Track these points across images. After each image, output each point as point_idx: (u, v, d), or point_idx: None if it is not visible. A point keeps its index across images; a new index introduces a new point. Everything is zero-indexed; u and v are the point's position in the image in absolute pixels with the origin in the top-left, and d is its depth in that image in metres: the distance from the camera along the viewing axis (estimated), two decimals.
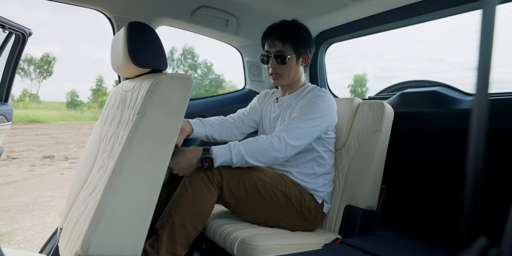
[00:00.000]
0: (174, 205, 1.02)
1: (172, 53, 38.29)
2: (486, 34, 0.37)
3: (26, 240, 2.47)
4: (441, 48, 1.68)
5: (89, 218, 0.79)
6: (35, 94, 37.60)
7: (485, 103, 0.35)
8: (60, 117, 21.18)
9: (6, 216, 3.01)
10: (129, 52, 0.91)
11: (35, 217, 3.00)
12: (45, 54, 39.23)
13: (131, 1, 1.40)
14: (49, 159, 6.30)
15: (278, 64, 1.24)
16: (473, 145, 0.36)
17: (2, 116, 1.72)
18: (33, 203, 3.47)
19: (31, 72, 35.98)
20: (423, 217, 1.43)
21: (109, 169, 0.84)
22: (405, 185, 1.48)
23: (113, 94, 1.20)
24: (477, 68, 0.37)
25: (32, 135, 10.75)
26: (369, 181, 1.20)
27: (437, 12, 1.32)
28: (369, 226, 1.20)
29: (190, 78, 0.91)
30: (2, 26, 1.58)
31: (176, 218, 1.00)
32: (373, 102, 1.29)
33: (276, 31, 1.25)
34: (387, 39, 1.60)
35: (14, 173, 4.99)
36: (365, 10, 1.49)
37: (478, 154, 0.36)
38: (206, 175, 1.04)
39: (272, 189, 1.12)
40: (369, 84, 7.46)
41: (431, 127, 1.36)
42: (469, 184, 0.38)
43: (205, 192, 1.04)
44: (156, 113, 0.85)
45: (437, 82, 1.45)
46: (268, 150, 1.06)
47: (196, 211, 1.02)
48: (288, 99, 1.29)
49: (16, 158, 6.30)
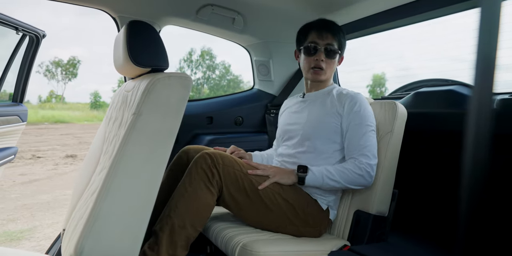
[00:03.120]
0: (174, 206, 1.00)
1: (190, 55, 38.98)
2: (487, 31, 0.33)
3: (45, 237, 2.54)
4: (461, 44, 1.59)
5: (83, 220, 0.78)
6: (60, 96, 39.19)
7: (488, 102, 0.31)
8: (84, 117, 21.94)
9: (28, 213, 3.12)
10: (129, 52, 0.90)
11: (55, 215, 3.09)
12: (71, 57, 40.92)
13: (135, 1, 1.40)
14: (72, 158, 6.52)
15: (326, 57, 1.19)
16: (471, 148, 0.32)
17: (17, 116, 1.77)
18: (54, 201, 3.58)
19: (58, 74, 37.55)
20: (437, 224, 1.35)
21: (107, 169, 0.83)
22: (418, 190, 1.41)
23: (116, 94, 1.20)
24: (476, 67, 0.33)
25: (57, 135, 11.18)
26: (380, 185, 1.13)
27: (452, 6, 1.24)
28: (380, 233, 1.13)
29: (189, 78, 0.89)
30: (16, 28, 1.62)
31: (176, 220, 0.98)
32: (384, 102, 1.23)
33: (325, 24, 1.21)
34: (405, 36, 1.52)
35: (38, 171, 5.19)
36: (377, 5, 1.43)
37: (479, 157, 0.33)
38: (206, 175, 1.02)
39: (273, 194, 1.08)
40: (388, 83, 7.25)
41: (447, 128, 1.27)
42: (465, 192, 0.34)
43: (205, 192, 1.01)
44: (152, 113, 0.83)
45: (454, 81, 1.37)
46: (357, 180, 1.10)
47: (195, 212, 1.00)
48: (315, 95, 1.26)
49: (41, 157, 6.55)
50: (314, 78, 1.23)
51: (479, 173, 0.34)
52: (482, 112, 0.32)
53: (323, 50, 1.18)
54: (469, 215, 0.36)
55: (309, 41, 1.20)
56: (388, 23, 1.47)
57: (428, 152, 1.38)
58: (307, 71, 1.23)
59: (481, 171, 0.34)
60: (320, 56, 1.19)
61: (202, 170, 1.02)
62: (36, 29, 1.74)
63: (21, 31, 1.67)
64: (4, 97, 1.87)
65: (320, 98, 1.24)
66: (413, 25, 1.50)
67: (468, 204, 0.36)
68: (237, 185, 1.05)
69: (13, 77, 1.85)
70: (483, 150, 0.34)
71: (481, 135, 0.34)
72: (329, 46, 1.18)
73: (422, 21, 1.40)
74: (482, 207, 0.35)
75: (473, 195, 0.36)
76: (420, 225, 1.40)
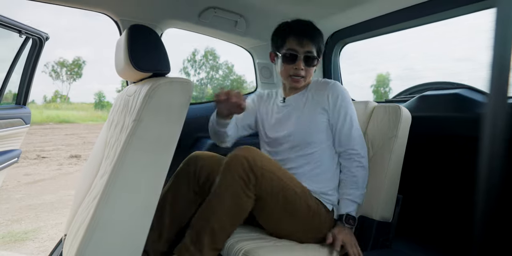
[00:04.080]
0: (210, 213, 0.98)
1: (194, 55, 39.10)
2: (502, 32, 0.32)
3: (50, 238, 2.55)
4: (469, 46, 1.56)
5: (84, 227, 0.77)
6: (65, 96, 39.49)
7: (503, 106, 0.29)
8: (88, 117, 22.11)
9: (32, 214, 3.13)
10: (130, 56, 0.90)
11: (59, 216, 3.10)
12: (76, 58, 41.23)
13: (136, 4, 1.39)
14: (76, 159, 6.55)
15: (305, 66, 1.15)
16: (487, 153, 0.31)
17: (21, 119, 1.77)
18: (58, 201, 3.59)
19: (62, 75, 37.86)
20: (442, 230, 1.32)
21: (107, 176, 0.82)
22: (423, 195, 1.38)
23: (118, 98, 1.20)
24: (492, 69, 0.32)
25: (61, 135, 11.26)
26: (384, 191, 1.12)
27: (455, 9, 1.22)
28: (384, 239, 1.12)
29: (190, 83, 0.88)
30: (19, 31, 1.62)
31: (216, 224, 0.96)
32: (388, 106, 1.21)
33: (304, 29, 1.15)
34: (411, 38, 1.50)
35: (43, 171, 5.22)
36: (380, 8, 1.41)
37: (494, 162, 0.31)
38: (243, 181, 0.98)
39: (300, 203, 1.05)
40: (392, 84, 7.25)
41: (452, 133, 1.25)
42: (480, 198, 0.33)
43: (243, 199, 0.99)
44: (153, 119, 0.82)
45: (460, 84, 1.34)
46: (365, 177, 1.15)
47: (233, 216, 0.99)
48: (295, 98, 1.23)
49: (45, 157, 6.60)
50: (293, 86, 1.21)
51: (495, 179, 0.33)
52: (498, 116, 0.31)
53: (302, 58, 1.14)
54: (485, 222, 0.35)
55: (288, 48, 1.15)
56: (394, 25, 1.45)
57: (432, 156, 1.36)
58: (286, 78, 1.20)
59: (497, 176, 0.33)
60: (300, 65, 1.15)
61: (238, 175, 0.98)
62: (39, 32, 1.74)
63: (24, 34, 1.67)
64: (8, 97, 1.88)
65: (300, 99, 1.21)
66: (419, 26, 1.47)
67: (484, 210, 0.35)
68: (270, 190, 1.01)
69: (17, 78, 1.86)
70: (499, 155, 0.33)
71: (496, 140, 0.33)
72: (308, 54, 1.14)
73: (432, 22, 1.37)
74: (498, 214, 0.34)
75: (489, 201, 0.34)
76: (425, 231, 1.38)
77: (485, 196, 0.34)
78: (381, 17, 1.47)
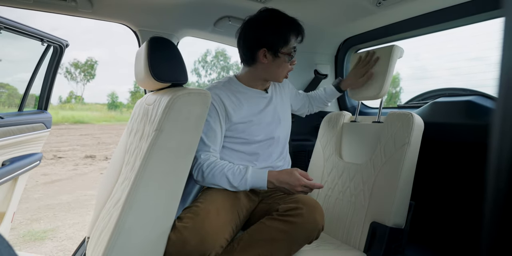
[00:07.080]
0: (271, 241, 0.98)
1: (206, 55, 39.34)
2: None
3: (67, 237, 2.62)
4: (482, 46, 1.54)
5: (108, 233, 0.81)
6: (80, 96, 40.25)
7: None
8: (102, 118, 22.50)
9: (50, 213, 3.23)
10: (150, 67, 0.93)
11: (76, 215, 3.18)
12: (89, 58, 41.94)
13: (155, 15, 1.43)
14: (91, 159, 6.69)
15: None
16: (496, 160, 0.32)
17: (42, 123, 1.84)
18: (75, 201, 3.68)
19: (76, 75, 38.61)
20: (454, 236, 1.32)
21: (130, 183, 0.86)
22: (435, 202, 1.38)
23: (137, 106, 1.24)
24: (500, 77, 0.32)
25: (76, 135, 11.50)
26: (397, 197, 1.12)
27: (464, 18, 1.22)
28: (397, 245, 1.12)
29: (208, 94, 0.91)
30: (41, 40, 1.69)
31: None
32: (401, 113, 1.21)
33: (299, 26, 1.14)
34: (423, 37, 1.51)
35: (59, 172, 5.35)
36: (391, 16, 1.42)
37: (503, 169, 0.32)
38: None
39: None
40: (403, 84, 7.10)
41: (465, 140, 1.25)
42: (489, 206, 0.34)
43: None
44: (173, 129, 0.86)
45: (473, 91, 1.33)
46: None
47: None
48: (272, 89, 1.29)
49: (62, 157, 6.76)
50: (279, 81, 1.22)
51: (505, 187, 0.34)
52: (507, 123, 0.31)
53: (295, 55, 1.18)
54: (494, 229, 0.35)
55: (292, 47, 1.13)
56: (403, 33, 1.45)
57: (445, 163, 1.36)
58: (281, 77, 1.19)
59: (507, 184, 0.34)
60: (294, 61, 1.19)
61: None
62: (60, 40, 1.81)
63: (46, 42, 1.74)
64: (30, 100, 1.94)
65: (276, 91, 1.30)
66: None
67: (493, 219, 0.35)
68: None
69: (38, 82, 1.93)
70: (508, 162, 0.34)
71: (505, 147, 0.33)
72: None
73: (442, 31, 1.37)
74: (509, 221, 0.35)
75: (498, 209, 0.35)
76: (437, 238, 1.38)
77: (495, 203, 0.35)
78: (392, 24, 1.48)
